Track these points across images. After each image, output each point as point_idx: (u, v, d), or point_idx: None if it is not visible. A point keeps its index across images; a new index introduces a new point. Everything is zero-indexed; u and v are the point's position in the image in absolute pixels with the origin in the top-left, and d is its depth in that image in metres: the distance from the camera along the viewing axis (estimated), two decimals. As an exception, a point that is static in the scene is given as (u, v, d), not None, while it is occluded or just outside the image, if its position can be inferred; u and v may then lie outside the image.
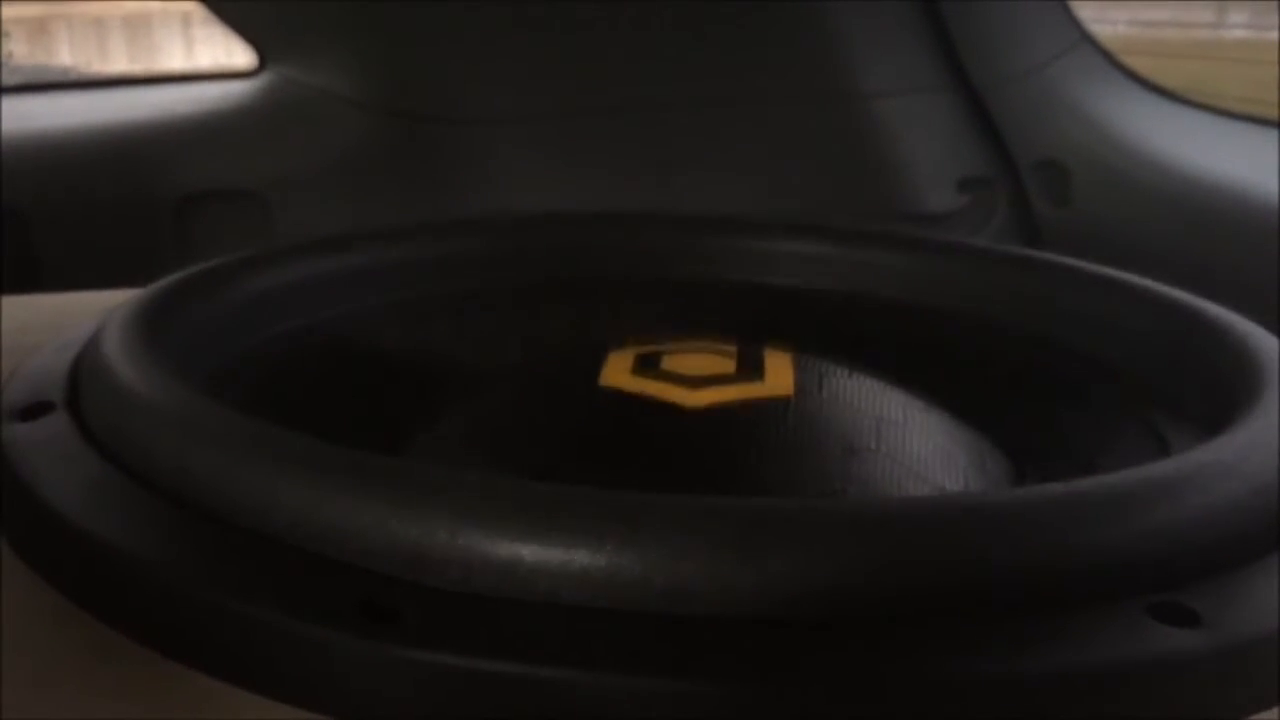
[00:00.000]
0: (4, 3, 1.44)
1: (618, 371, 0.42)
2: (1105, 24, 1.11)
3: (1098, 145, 1.05)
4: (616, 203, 1.05)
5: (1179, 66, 1.21)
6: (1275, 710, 0.26)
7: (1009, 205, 1.14)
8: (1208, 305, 0.42)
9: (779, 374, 0.42)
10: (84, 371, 0.38)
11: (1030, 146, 1.10)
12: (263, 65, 1.13)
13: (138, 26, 2.11)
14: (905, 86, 1.11)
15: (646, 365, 0.42)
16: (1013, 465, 0.42)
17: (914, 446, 0.39)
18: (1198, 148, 1.00)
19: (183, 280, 0.46)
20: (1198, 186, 0.98)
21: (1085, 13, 1.07)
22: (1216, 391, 0.37)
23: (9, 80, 1.91)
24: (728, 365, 0.42)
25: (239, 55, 1.15)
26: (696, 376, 0.41)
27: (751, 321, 0.53)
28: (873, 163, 1.12)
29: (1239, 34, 1.64)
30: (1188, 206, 0.98)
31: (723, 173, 1.11)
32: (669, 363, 0.42)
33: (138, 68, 2.27)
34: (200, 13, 1.11)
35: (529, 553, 0.27)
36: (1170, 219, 0.99)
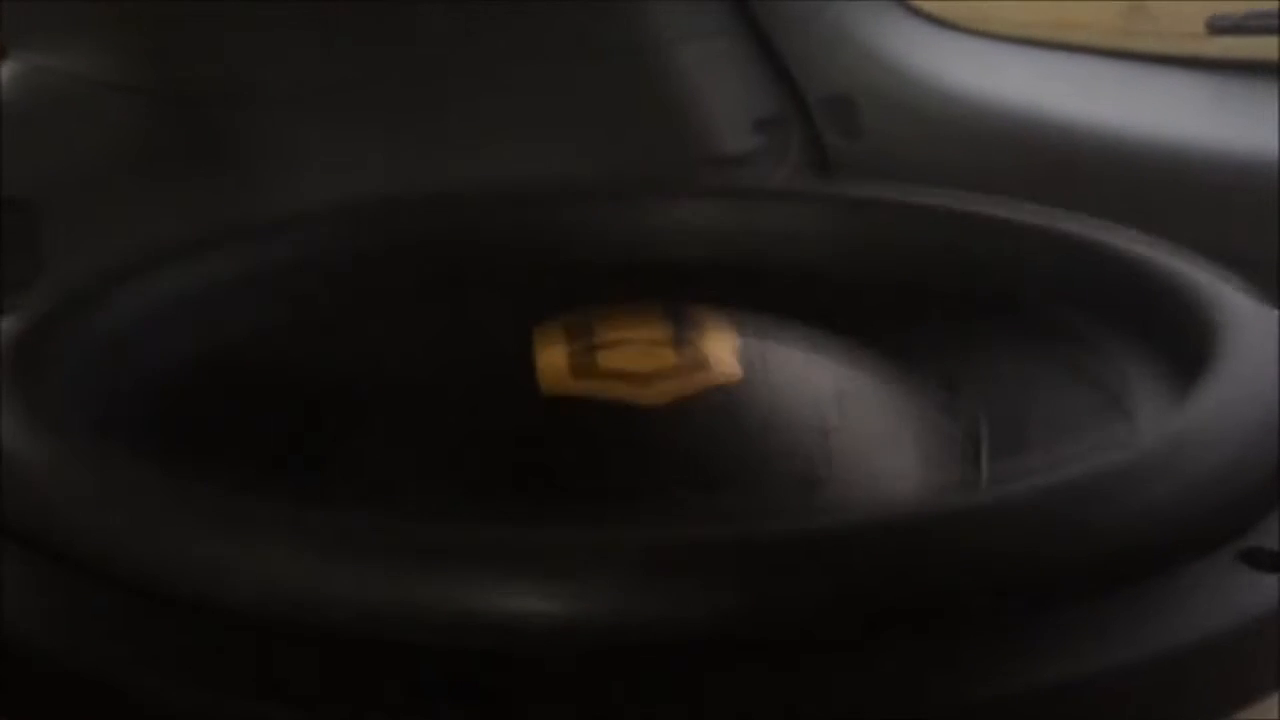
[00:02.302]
0: None
1: (555, 371, 0.40)
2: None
3: (882, 77, 1.08)
4: (423, 176, 1.01)
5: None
6: None
7: (801, 140, 1.16)
8: (1138, 246, 0.43)
9: (720, 353, 0.41)
10: None
11: (818, 82, 1.12)
12: (2, 54, 1.02)
13: None
14: (695, 32, 1.11)
15: (583, 361, 0.40)
16: (967, 408, 0.41)
17: (874, 417, 0.39)
18: (978, 73, 1.04)
19: (42, 315, 0.41)
20: (981, 110, 1.02)
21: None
22: (1151, 331, 0.39)
23: None
24: (666, 353, 0.41)
25: (-30, 44, 1.04)
26: (644, 373, 0.39)
27: (649, 295, 0.51)
28: (668, 110, 1.12)
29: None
30: (973, 130, 1.02)
31: (522, 132, 1.08)
32: (606, 356, 0.40)
33: None
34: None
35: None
36: (957, 143, 1.03)
